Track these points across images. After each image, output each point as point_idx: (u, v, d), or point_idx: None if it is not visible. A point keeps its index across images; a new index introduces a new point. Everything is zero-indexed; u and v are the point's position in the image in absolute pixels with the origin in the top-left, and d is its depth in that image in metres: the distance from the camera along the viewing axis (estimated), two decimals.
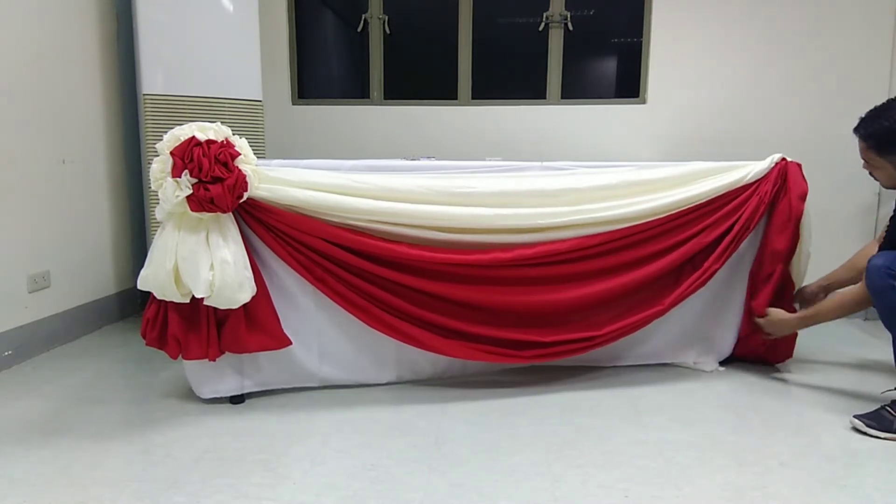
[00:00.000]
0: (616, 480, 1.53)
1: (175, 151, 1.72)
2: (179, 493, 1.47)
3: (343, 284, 1.93)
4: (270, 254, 1.92)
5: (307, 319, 1.99)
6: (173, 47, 2.75)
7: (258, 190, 1.81)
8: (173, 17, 2.73)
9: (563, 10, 3.36)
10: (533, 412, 1.95)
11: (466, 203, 1.95)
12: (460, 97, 3.46)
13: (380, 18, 3.45)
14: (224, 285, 1.75)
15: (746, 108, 3.23)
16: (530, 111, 3.39)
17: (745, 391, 2.13)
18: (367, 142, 3.44)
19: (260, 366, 2.00)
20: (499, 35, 3.55)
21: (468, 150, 3.36)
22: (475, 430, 1.81)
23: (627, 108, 3.33)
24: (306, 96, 3.54)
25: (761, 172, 2.18)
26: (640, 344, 2.27)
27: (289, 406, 1.97)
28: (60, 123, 2.60)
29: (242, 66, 2.91)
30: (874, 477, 1.55)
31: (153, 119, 2.73)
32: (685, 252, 2.12)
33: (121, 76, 2.99)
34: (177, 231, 1.76)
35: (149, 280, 1.78)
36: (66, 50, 2.64)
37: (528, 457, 1.66)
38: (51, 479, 1.53)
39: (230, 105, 2.87)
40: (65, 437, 1.75)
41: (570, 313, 2.08)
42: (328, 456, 1.66)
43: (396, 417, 1.90)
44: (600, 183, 2.06)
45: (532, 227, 1.98)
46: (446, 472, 1.58)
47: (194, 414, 1.92)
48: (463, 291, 1.99)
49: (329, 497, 1.46)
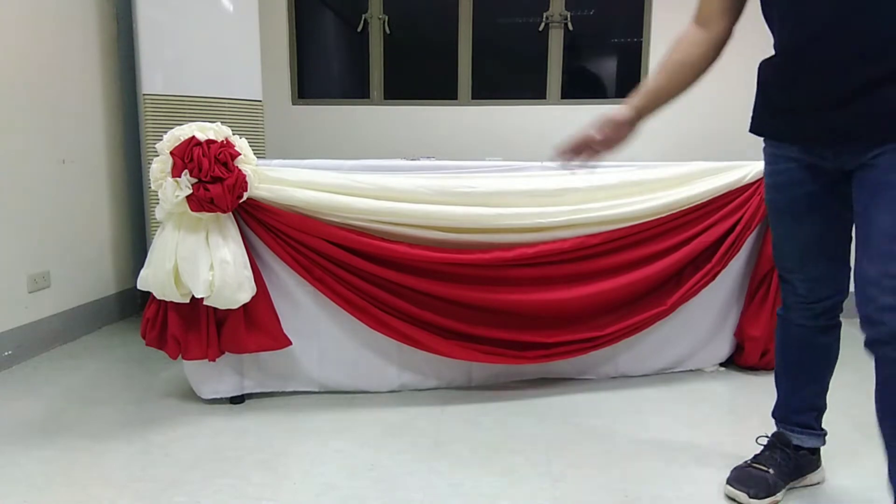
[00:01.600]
0: (616, 480, 1.53)
1: (175, 151, 1.72)
2: (179, 493, 1.47)
3: (343, 284, 1.93)
4: (270, 254, 1.92)
5: (307, 319, 1.99)
6: (173, 47, 2.75)
7: (258, 190, 1.81)
8: (173, 17, 2.73)
9: (563, 10, 3.36)
10: (533, 412, 1.94)
11: (466, 203, 1.95)
12: (460, 97, 3.47)
13: (380, 18, 3.45)
14: (224, 285, 1.75)
15: (747, 107, 3.21)
16: (530, 111, 3.39)
17: (745, 391, 2.13)
18: (367, 142, 3.44)
19: (260, 366, 2.00)
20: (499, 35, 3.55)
21: (468, 150, 3.36)
22: (475, 430, 1.81)
23: None
24: (306, 96, 3.54)
25: (761, 173, 2.18)
26: (649, 356, 2.26)
27: (289, 406, 1.97)
28: (60, 123, 2.60)
29: (242, 66, 2.91)
30: (874, 475, 1.56)
31: (153, 119, 2.73)
32: (687, 252, 2.12)
33: (121, 76, 2.99)
34: (177, 231, 1.76)
35: (149, 280, 1.78)
36: (66, 50, 2.64)
37: (528, 457, 1.65)
38: (51, 479, 1.53)
39: (230, 105, 2.87)
40: (65, 437, 1.75)
41: (573, 314, 2.08)
42: (328, 456, 1.66)
43: (396, 417, 1.90)
44: (600, 183, 2.06)
45: (533, 227, 1.98)
46: (446, 472, 1.58)
47: (194, 414, 1.92)
48: (463, 292, 1.98)
49: (329, 497, 1.46)
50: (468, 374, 2.15)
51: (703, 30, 1.34)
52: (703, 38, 1.34)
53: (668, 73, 1.35)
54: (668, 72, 1.35)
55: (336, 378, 2.06)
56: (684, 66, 1.34)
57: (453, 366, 2.11)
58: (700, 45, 1.34)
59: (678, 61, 1.34)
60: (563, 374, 2.19)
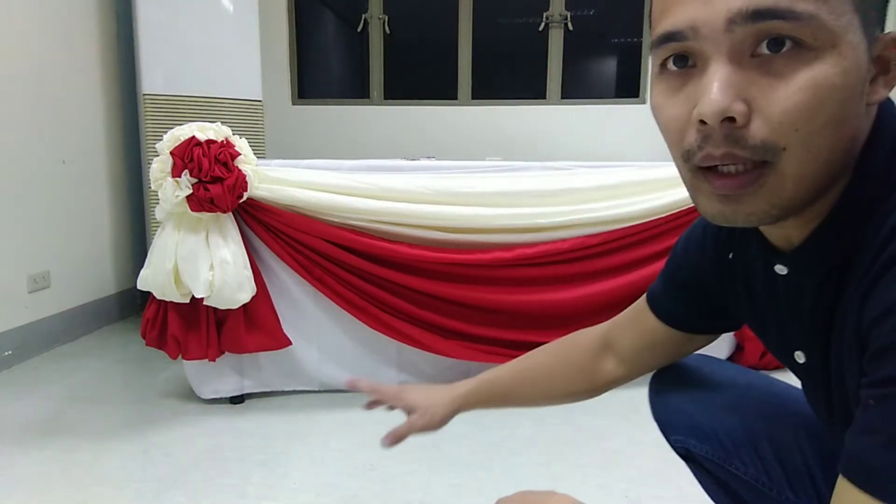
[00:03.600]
0: (616, 480, 1.53)
1: (175, 151, 1.71)
2: (179, 493, 1.47)
3: (343, 284, 1.93)
4: (270, 254, 1.92)
5: (307, 319, 1.99)
6: (173, 47, 2.75)
7: (258, 190, 1.81)
8: (173, 17, 2.73)
9: (563, 10, 3.36)
10: (533, 412, 1.94)
11: (466, 203, 1.95)
12: (460, 97, 3.47)
13: (380, 18, 3.45)
14: (224, 285, 1.75)
15: None
16: (530, 111, 3.39)
17: None
18: (367, 142, 3.44)
19: (260, 366, 2.00)
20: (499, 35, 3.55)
21: (468, 150, 3.37)
22: (475, 430, 1.81)
23: (627, 108, 3.33)
24: (306, 96, 3.54)
25: None
26: None
27: (289, 406, 1.97)
28: (60, 123, 2.60)
29: (242, 66, 2.91)
30: None
31: (153, 119, 2.73)
32: None
33: (121, 76, 2.99)
34: (177, 231, 1.76)
35: (149, 280, 1.78)
36: (66, 50, 2.64)
37: (528, 457, 1.65)
38: (51, 479, 1.53)
39: (230, 105, 2.87)
40: (65, 437, 1.75)
41: (573, 314, 2.08)
42: (328, 456, 1.66)
43: (396, 418, 1.90)
44: (600, 183, 2.05)
45: (532, 227, 1.98)
46: (446, 472, 1.58)
47: (194, 414, 1.91)
48: (463, 292, 1.98)
49: (329, 497, 1.46)
50: (468, 374, 2.14)
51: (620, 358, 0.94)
52: (611, 373, 0.95)
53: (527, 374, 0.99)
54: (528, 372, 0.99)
55: (336, 378, 2.05)
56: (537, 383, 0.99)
57: (453, 366, 2.11)
58: (595, 377, 0.96)
59: (540, 375, 0.99)
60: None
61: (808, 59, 0.45)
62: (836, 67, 0.45)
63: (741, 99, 0.46)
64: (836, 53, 0.45)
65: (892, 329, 0.43)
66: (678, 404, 0.91)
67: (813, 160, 0.47)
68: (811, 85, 0.45)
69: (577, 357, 0.95)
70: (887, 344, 0.43)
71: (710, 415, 0.86)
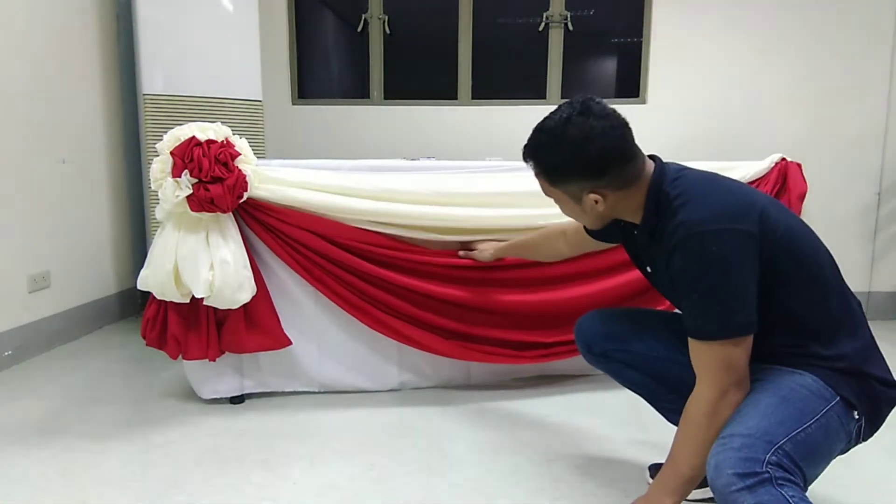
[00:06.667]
0: (616, 480, 1.53)
1: (175, 151, 1.72)
2: (179, 493, 1.47)
3: (343, 285, 1.93)
4: (270, 254, 1.92)
5: (307, 319, 1.99)
6: (173, 47, 2.75)
7: (258, 190, 1.81)
8: (173, 17, 2.73)
9: (563, 10, 3.36)
10: (533, 412, 1.95)
11: (466, 203, 1.95)
12: (460, 97, 3.46)
13: (380, 18, 3.45)
14: (224, 285, 1.75)
15: (746, 107, 3.23)
16: (530, 111, 3.37)
17: None
18: (367, 142, 3.44)
19: (260, 366, 2.00)
20: (499, 35, 3.55)
21: (468, 150, 3.36)
22: (475, 430, 1.81)
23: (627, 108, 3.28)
24: (306, 96, 3.54)
25: (761, 172, 2.18)
26: None
27: (289, 406, 1.97)
28: (60, 123, 2.60)
29: (242, 66, 2.91)
30: (873, 471, 1.56)
31: (153, 119, 2.73)
32: None
33: (121, 76, 2.99)
34: (177, 231, 1.76)
35: (149, 280, 1.78)
36: (65, 50, 2.64)
37: (528, 457, 1.66)
38: (51, 479, 1.53)
39: (230, 105, 2.87)
40: (65, 437, 1.75)
41: (572, 313, 2.06)
42: (328, 456, 1.66)
43: (396, 418, 1.90)
44: None
45: (532, 227, 1.98)
46: (446, 472, 1.58)
47: (194, 414, 1.92)
48: (463, 292, 1.98)
49: (329, 497, 1.46)
50: (467, 374, 2.15)
51: (571, 245, 1.71)
52: (566, 249, 1.74)
53: (532, 244, 1.84)
54: (529, 245, 1.85)
55: (336, 378, 2.06)
56: (539, 248, 1.84)
57: (453, 365, 2.11)
58: (562, 250, 1.76)
59: (539, 243, 1.82)
60: (562, 372, 2.19)
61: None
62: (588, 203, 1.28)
63: None
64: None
65: (676, 269, 1.15)
66: (593, 328, 1.54)
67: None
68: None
69: (551, 240, 1.77)
70: (674, 272, 1.16)
71: (617, 326, 1.50)
